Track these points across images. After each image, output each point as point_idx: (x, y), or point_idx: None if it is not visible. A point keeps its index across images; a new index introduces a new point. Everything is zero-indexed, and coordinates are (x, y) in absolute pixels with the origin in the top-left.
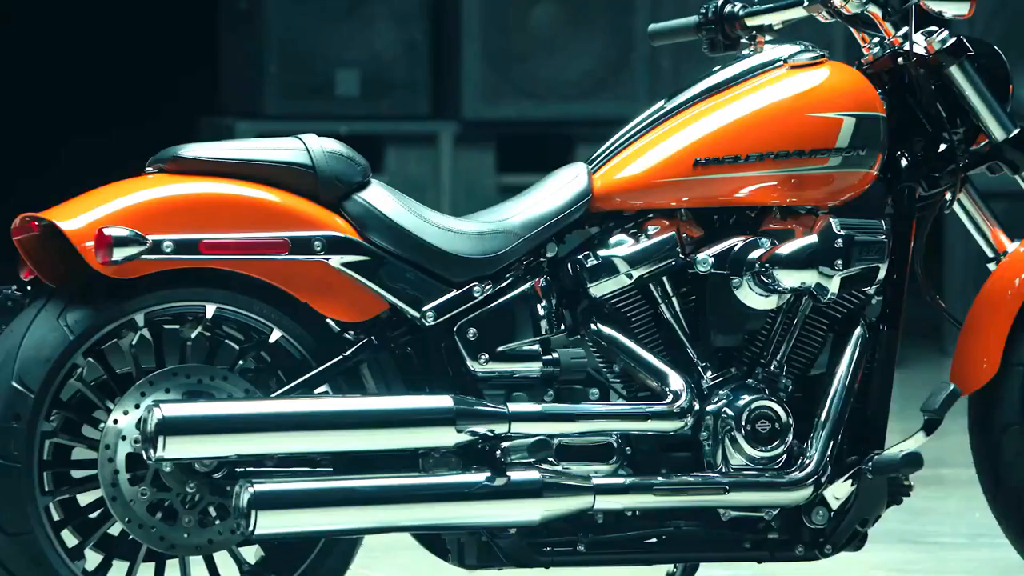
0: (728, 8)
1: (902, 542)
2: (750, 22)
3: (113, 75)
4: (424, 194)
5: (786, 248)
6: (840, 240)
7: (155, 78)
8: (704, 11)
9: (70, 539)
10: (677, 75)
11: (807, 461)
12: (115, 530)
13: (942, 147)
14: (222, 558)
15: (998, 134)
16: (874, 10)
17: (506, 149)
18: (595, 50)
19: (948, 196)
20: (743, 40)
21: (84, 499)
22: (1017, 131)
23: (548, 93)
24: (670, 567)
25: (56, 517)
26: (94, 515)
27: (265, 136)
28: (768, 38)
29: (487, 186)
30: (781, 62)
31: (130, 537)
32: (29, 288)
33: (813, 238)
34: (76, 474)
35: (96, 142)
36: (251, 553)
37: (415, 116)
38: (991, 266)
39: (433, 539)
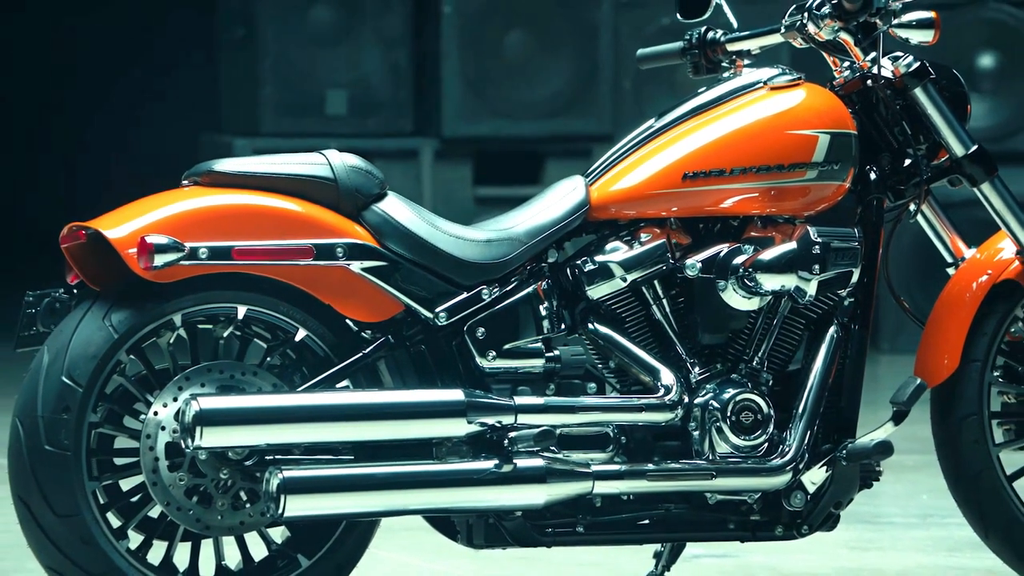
0: (710, 35)
1: (859, 522)
2: (730, 47)
3: (123, 95)
4: None
5: (768, 254)
6: (817, 247)
7: (160, 99)
8: (688, 37)
9: (114, 521)
10: (638, 96)
11: (786, 449)
12: (154, 512)
13: (907, 162)
14: (251, 538)
15: (958, 150)
16: (845, 37)
17: (482, 164)
18: (562, 73)
19: (912, 207)
20: (724, 64)
21: (126, 484)
22: (975, 147)
23: (520, 113)
24: (658, 546)
25: (101, 501)
26: (135, 499)
27: (260, 151)
28: (747, 62)
29: (464, 198)
30: (761, 84)
31: (168, 519)
32: (75, 291)
33: (793, 245)
34: (118, 461)
35: (108, 156)
36: (278, 533)
37: (399, 133)
38: (950, 271)
39: (443, 521)
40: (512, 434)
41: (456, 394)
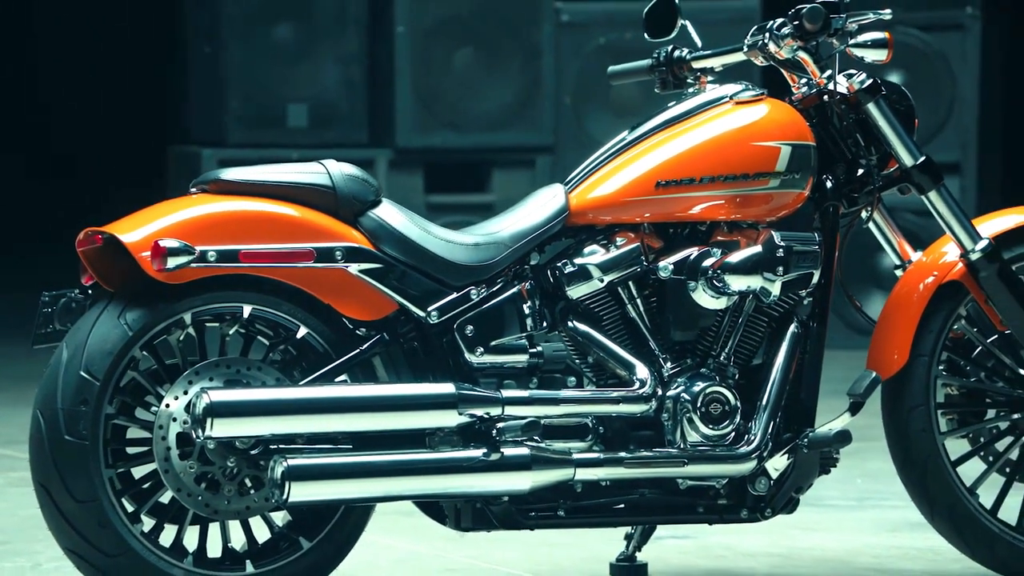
0: (677, 53)
1: (803, 506)
2: (696, 65)
3: (97, 110)
4: None
5: (735, 257)
6: (781, 250)
7: (132, 113)
8: (656, 56)
9: (128, 506)
10: (577, 111)
11: (752, 438)
12: (165, 498)
13: (860, 171)
14: (255, 521)
15: (907, 160)
16: (804, 56)
17: (433, 173)
18: (507, 89)
19: (865, 213)
20: (689, 80)
21: (138, 472)
22: (923, 158)
23: (468, 125)
24: (628, 529)
25: (117, 487)
26: (147, 485)
27: (226, 162)
28: (710, 78)
29: (417, 205)
30: (727, 99)
31: (179, 504)
32: (90, 292)
33: (758, 248)
34: (131, 450)
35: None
36: (280, 517)
37: (355, 144)
38: (898, 272)
39: (432, 506)
40: (500, 425)
41: (447, 387)
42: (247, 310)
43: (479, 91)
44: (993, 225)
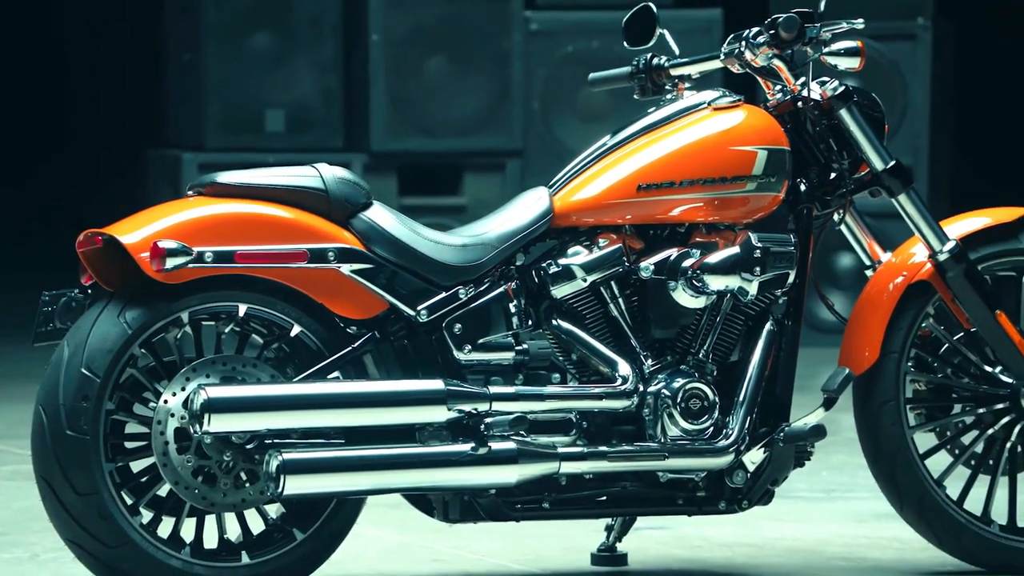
0: (655, 60)
1: (774, 498)
2: (674, 72)
3: (80, 115)
4: None
5: (714, 258)
6: (758, 251)
7: (114, 117)
8: (636, 63)
9: (127, 499)
10: (545, 116)
11: (729, 432)
12: (163, 491)
13: (832, 175)
14: (250, 513)
15: (878, 165)
16: (779, 63)
17: (406, 176)
18: (478, 95)
19: (837, 216)
20: (667, 87)
21: (136, 466)
22: (893, 162)
23: (440, 130)
24: (609, 520)
25: (116, 480)
26: (145, 479)
27: (206, 165)
28: (687, 85)
29: (391, 207)
30: (705, 105)
31: (176, 497)
32: (89, 291)
33: (736, 249)
34: (129, 445)
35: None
36: (273, 510)
37: (331, 149)
38: (868, 272)
39: (420, 498)
40: (487, 420)
41: (436, 384)
42: (242, 309)
43: (451, 97)
44: (960, 227)
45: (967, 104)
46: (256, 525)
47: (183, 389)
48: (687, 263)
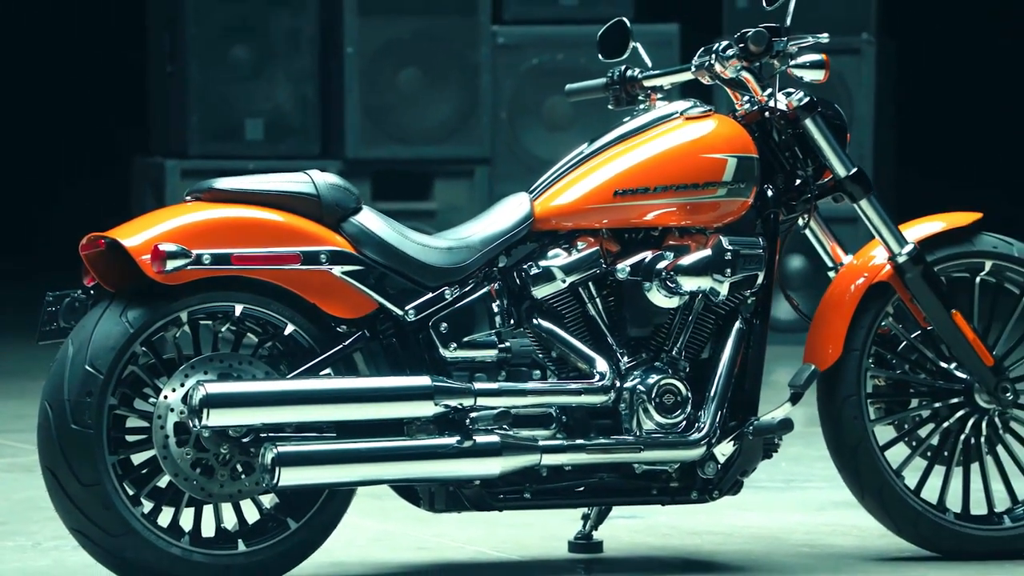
0: (629, 72)
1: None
2: (647, 83)
3: (66, 124)
4: None
5: (687, 260)
6: (728, 254)
7: (99, 126)
8: (611, 75)
9: (128, 490)
10: (512, 125)
11: (701, 426)
12: (163, 483)
13: (797, 182)
14: (246, 504)
15: (841, 171)
16: (747, 75)
17: (380, 182)
18: (448, 104)
19: (801, 221)
20: (640, 98)
21: (138, 458)
22: (855, 169)
23: (412, 138)
24: (586, 509)
25: (119, 472)
26: (146, 471)
27: (188, 172)
28: (660, 96)
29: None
30: (678, 114)
31: (175, 488)
32: (91, 292)
33: (708, 252)
34: (130, 439)
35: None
36: (268, 500)
37: (308, 156)
38: (831, 274)
39: (407, 489)
40: (472, 414)
41: (424, 380)
42: (239, 309)
43: (422, 107)
44: (918, 231)
45: (909, 116)
46: (251, 515)
47: (182, 385)
48: (661, 265)
